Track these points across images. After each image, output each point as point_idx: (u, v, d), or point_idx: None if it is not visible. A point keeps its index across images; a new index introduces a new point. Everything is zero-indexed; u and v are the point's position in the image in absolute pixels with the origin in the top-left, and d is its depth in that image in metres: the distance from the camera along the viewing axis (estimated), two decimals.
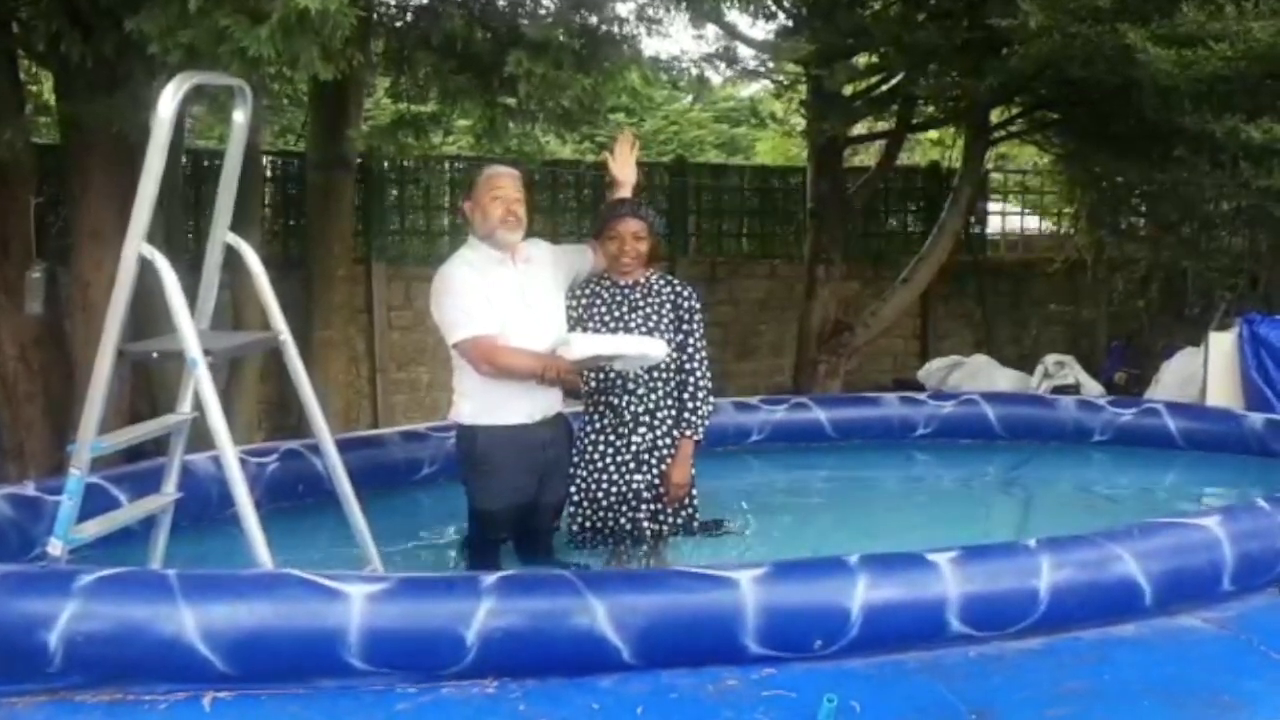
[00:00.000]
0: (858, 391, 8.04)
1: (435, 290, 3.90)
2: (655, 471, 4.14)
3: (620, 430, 4.12)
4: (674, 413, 4.17)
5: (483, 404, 3.85)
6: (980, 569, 3.15)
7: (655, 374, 4.13)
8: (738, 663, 2.90)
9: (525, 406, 3.89)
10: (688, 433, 4.14)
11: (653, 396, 4.13)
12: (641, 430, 4.11)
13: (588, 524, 4.17)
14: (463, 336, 3.78)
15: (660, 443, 4.14)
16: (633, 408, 4.11)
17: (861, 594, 2.99)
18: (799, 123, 9.64)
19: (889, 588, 3.05)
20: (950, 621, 3.06)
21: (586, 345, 3.84)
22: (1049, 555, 3.20)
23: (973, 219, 10.01)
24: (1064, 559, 3.21)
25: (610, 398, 4.13)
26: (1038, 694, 2.86)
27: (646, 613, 2.90)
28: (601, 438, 4.15)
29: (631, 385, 4.11)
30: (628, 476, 4.12)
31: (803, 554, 4.11)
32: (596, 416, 4.17)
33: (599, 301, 4.12)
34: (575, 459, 4.17)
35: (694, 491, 4.27)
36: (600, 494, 4.14)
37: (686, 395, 4.16)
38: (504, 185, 3.97)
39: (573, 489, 4.16)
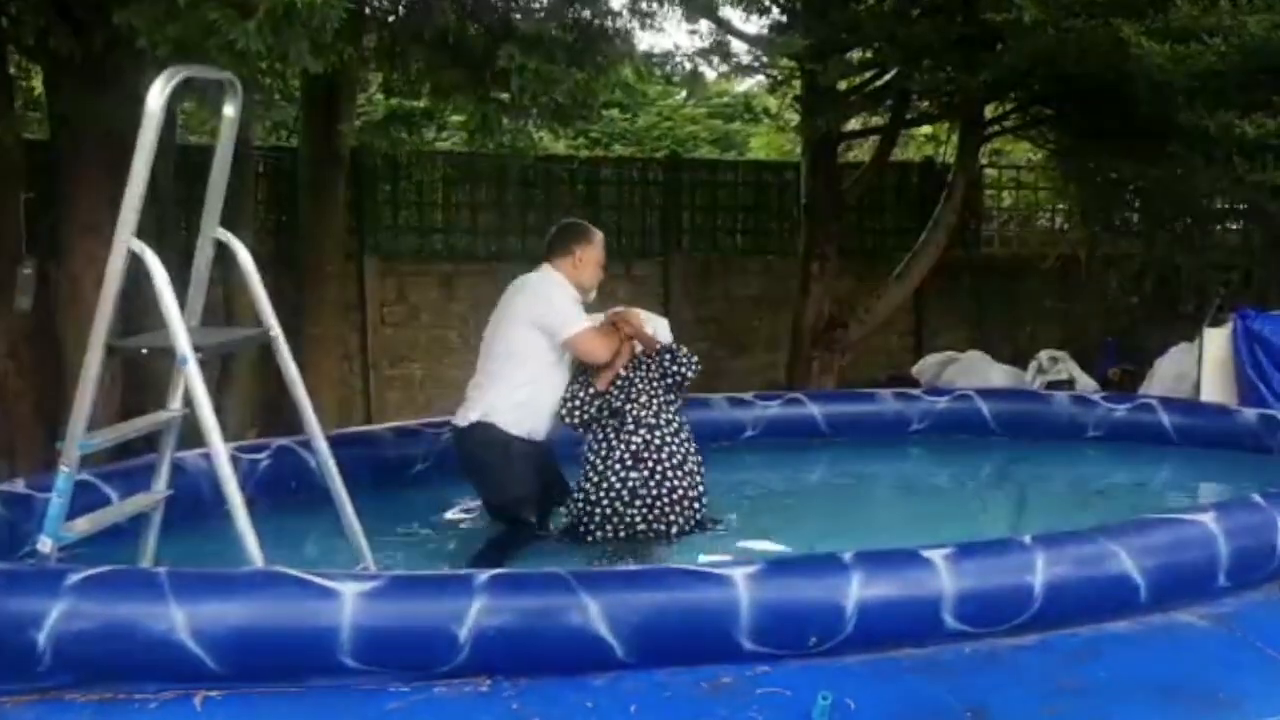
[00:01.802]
0: (852, 388, 8.04)
1: (536, 294, 4.30)
2: (652, 470, 4.21)
3: (622, 434, 4.26)
4: (675, 417, 4.34)
5: (524, 418, 4.24)
6: (975, 566, 3.14)
7: (657, 382, 4.34)
8: (732, 660, 2.88)
9: (546, 425, 4.35)
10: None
11: (654, 403, 4.31)
12: (643, 431, 4.25)
13: (592, 525, 4.24)
14: (579, 329, 4.24)
15: (667, 440, 4.26)
16: (635, 411, 4.27)
17: (856, 591, 2.97)
18: (793, 118, 9.61)
19: (884, 585, 3.04)
20: (945, 619, 3.04)
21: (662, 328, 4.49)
22: (1044, 552, 3.19)
23: (967, 215, 9.99)
24: (1059, 555, 3.20)
25: (615, 403, 4.30)
26: (1033, 691, 2.86)
27: (640, 610, 2.89)
28: (605, 443, 4.29)
29: (634, 393, 4.30)
30: (624, 474, 4.20)
31: (797, 550, 4.12)
32: (599, 425, 4.32)
33: None
34: (587, 466, 4.33)
35: (703, 488, 4.35)
36: (597, 493, 4.23)
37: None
38: None
39: (579, 494, 4.30)
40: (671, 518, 4.22)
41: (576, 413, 4.31)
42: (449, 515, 4.75)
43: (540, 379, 4.27)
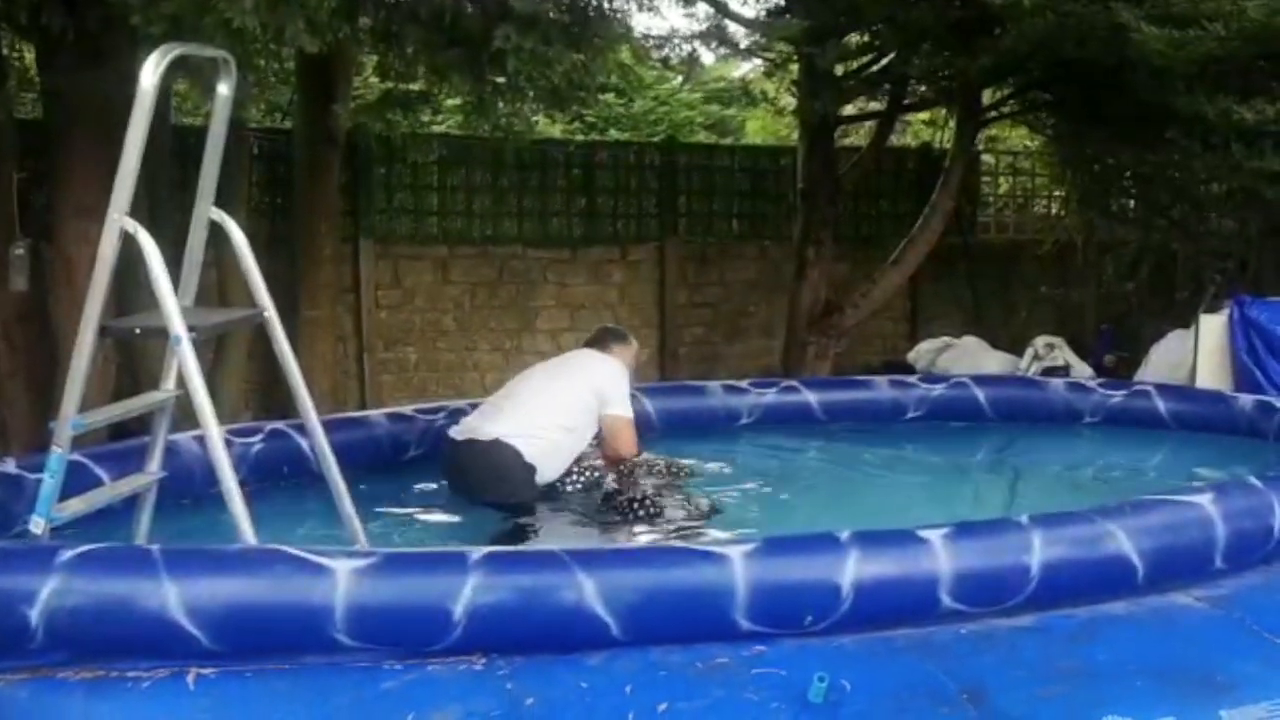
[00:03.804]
0: (847, 373, 8.03)
1: (612, 372, 4.64)
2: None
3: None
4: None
5: (544, 459, 4.42)
6: (972, 545, 3.13)
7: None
8: (728, 639, 2.87)
9: (552, 477, 4.55)
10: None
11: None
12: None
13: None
14: (625, 416, 4.60)
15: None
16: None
17: (853, 570, 2.96)
18: (790, 103, 9.58)
19: (881, 564, 3.02)
20: (943, 598, 3.03)
21: None
22: (1041, 532, 3.18)
23: (963, 201, 9.97)
24: (1056, 536, 3.19)
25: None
26: (1029, 673, 2.84)
27: (636, 589, 2.87)
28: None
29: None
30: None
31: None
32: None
33: None
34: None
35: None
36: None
37: None
38: None
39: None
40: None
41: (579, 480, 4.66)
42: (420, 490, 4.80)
43: (571, 436, 4.51)
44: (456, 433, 4.53)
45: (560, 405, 4.49)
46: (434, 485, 4.80)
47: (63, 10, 5.01)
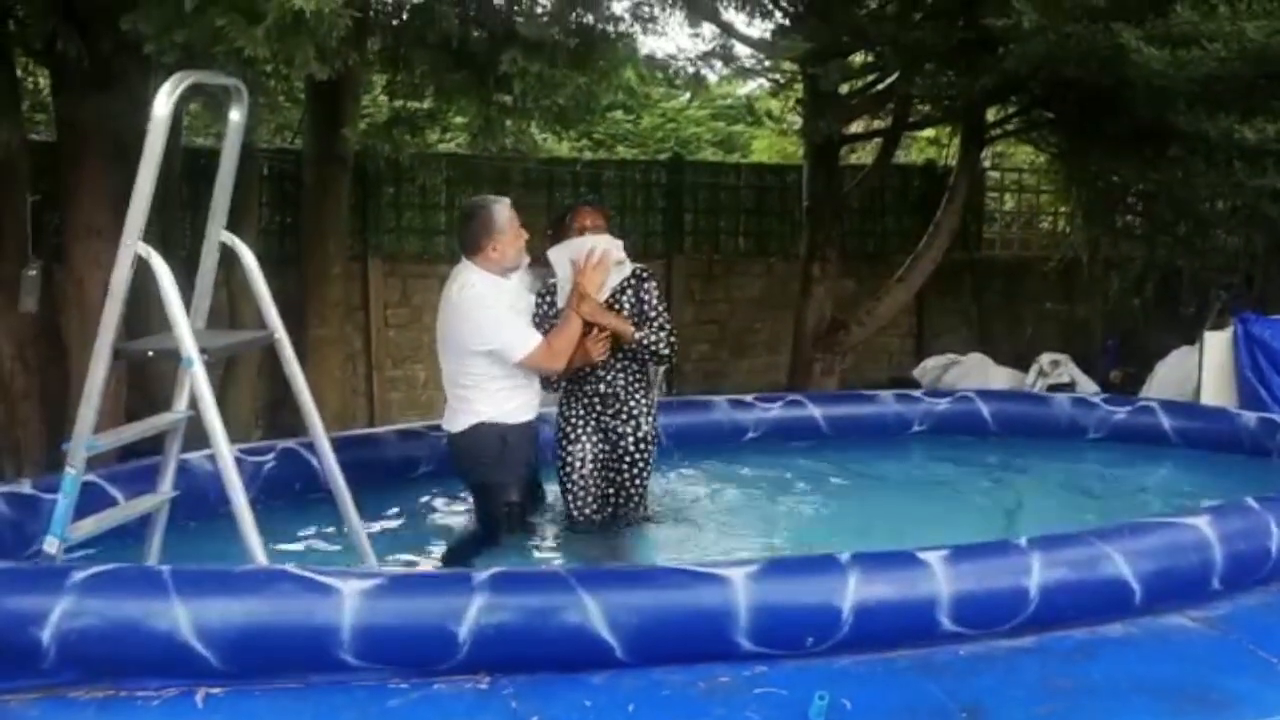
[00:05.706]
0: (853, 390, 8.05)
1: (479, 326, 4.16)
2: (615, 443, 4.44)
3: (594, 411, 4.44)
4: (643, 391, 4.49)
5: (509, 408, 4.25)
6: (972, 568, 3.16)
7: (623, 355, 4.40)
8: (730, 660, 2.91)
9: (533, 407, 4.36)
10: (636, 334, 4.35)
11: (620, 379, 4.43)
12: (615, 405, 4.42)
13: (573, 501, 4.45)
14: (528, 352, 4.17)
15: (633, 420, 4.42)
16: (603, 389, 4.42)
17: (853, 592, 3.00)
18: (796, 121, 9.63)
19: (881, 586, 3.06)
20: (941, 620, 3.07)
21: (561, 254, 4.44)
22: (1040, 554, 3.21)
23: (969, 217, 10.01)
24: (1055, 558, 3.22)
25: (585, 385, 4.43)
26: (1028, 692, 2.88)
27: (639, 610, 2.91)
28: (579, 421, 4.45)
29: (600, 372, 4.40)
30: (594, 449, 4.45)
31: (795, 551, 4.15)
32: (574, 400, 4.47)
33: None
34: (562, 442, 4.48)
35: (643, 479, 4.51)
36: (569, 468, 4.46)
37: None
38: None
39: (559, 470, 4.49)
40: (634, 491, 4.44)
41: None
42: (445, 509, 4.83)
43: (521, 384, 4.28)
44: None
45: (484, 382, 4.21)
46: (444, 500, 4.87)
47: (76, 36, 5.08)
